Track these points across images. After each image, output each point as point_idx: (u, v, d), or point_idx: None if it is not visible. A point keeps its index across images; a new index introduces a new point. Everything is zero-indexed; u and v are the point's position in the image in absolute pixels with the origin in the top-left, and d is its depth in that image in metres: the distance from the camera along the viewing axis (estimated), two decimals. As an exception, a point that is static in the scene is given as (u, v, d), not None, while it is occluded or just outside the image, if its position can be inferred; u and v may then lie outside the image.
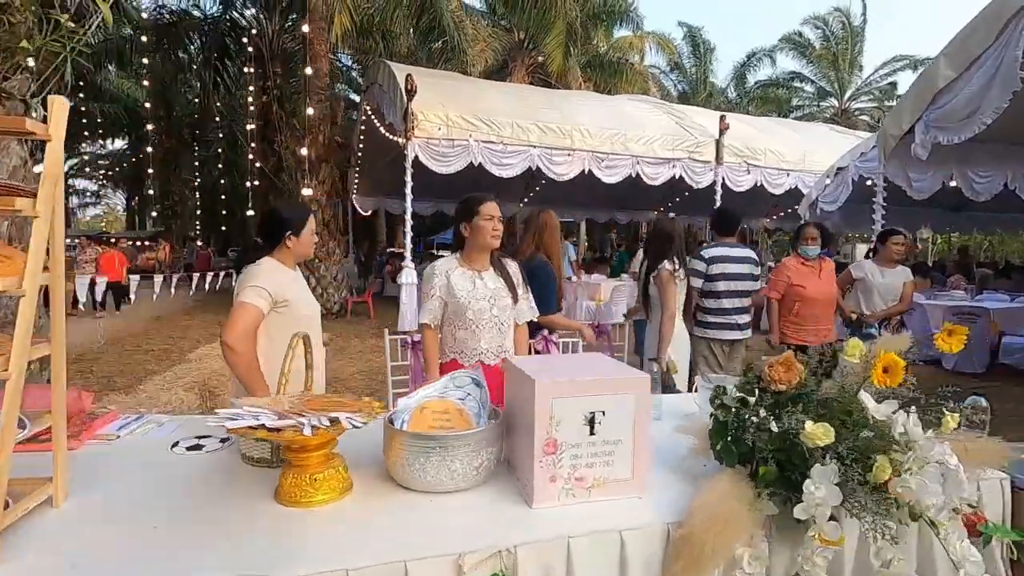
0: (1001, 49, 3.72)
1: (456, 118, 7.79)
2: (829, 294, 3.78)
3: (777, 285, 3.82)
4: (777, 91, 26.07)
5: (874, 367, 1.22)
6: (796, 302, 3.71)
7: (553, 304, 2.76)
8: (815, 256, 3.79)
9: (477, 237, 2.17)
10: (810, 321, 3.70)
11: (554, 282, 2.78)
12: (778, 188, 10.25)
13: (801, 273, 3.76)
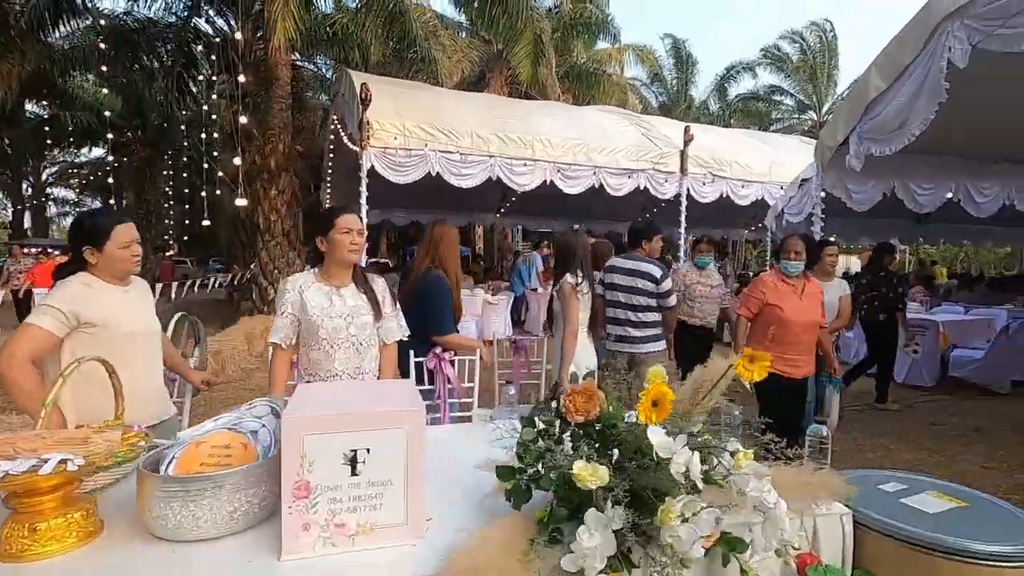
0: (927, 59, 3.67)
1: (413, 128, 7.69)
2: (811, 320, 3.21)
3: (749, 302, 3.35)
4: (757, 104, 26.34)
5: (641, 401, 1.09)
6: (771, 325, 3.18)
7: (448, 321, 2.64)
8: (797, 273, 3.29)
9: (335, 251, 2.04)
10: (786, 348, 3.13)
11: (449, 298, 2.65)
12: (744, 199, 10.23)
13: (779, 292, 3.24)
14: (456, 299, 2.73)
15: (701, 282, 4.57)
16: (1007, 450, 4.05)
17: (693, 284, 4.58)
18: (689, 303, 4.54)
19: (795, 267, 3.28)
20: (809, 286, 3.29)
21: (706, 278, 4.59)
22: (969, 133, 4.99)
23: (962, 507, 1.48)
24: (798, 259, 3.26)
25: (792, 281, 3.28)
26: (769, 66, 25.23)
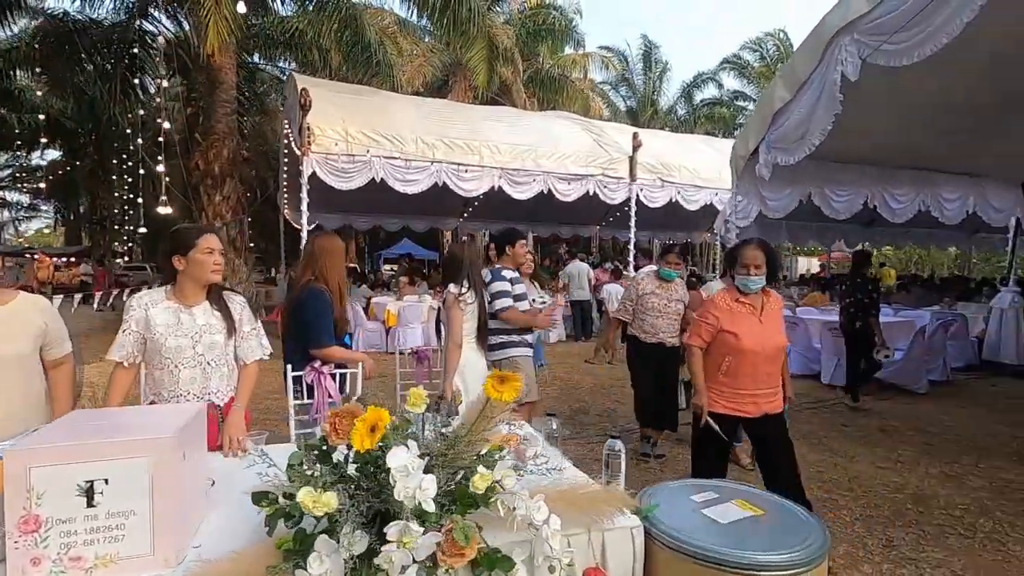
0: (823, 72, 3.77)
1: (356, 133, 7.63)
2: (772, 346, 2.61)
3: (700, 329, 2.72)
4: (722, 110, 26.80)
5: (355, 427, 1.10)
6: (726, 356, 2.60)
7: (327, 334, 2.61)
8: (757, 289, 2.64)
9: (196, 271, 2.00)
10: (743, 382, 2.59)
11: (329, 310, 2.63)
12: (693, 204, 10.40)
13: (734, 315, 2.63)
14: (339, 311, 2.71)
15: (657, 293, 3.95)
16: (906, 450, 4.19)
17: (647, 295, 3.95)
18: (640, 316, 3.98)
19: (755, 283, 2.61)
20: (769, 303, 2.67)
21: (665, 291, 3.96)
22: (880, 142, 5.16)
23: (756, 516, 1.52)
24: (758, 273, 2.60)
25: (748, 300, 2.64)
26: (732, 71, 25.75)
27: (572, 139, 9.64)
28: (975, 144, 5.44)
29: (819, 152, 4.53)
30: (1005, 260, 18.52)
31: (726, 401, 2.64)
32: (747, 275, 2.62)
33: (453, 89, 18.18)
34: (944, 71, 4.14)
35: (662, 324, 3.94)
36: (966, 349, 7.24)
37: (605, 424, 4.71)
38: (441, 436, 1.30)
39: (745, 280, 2.63)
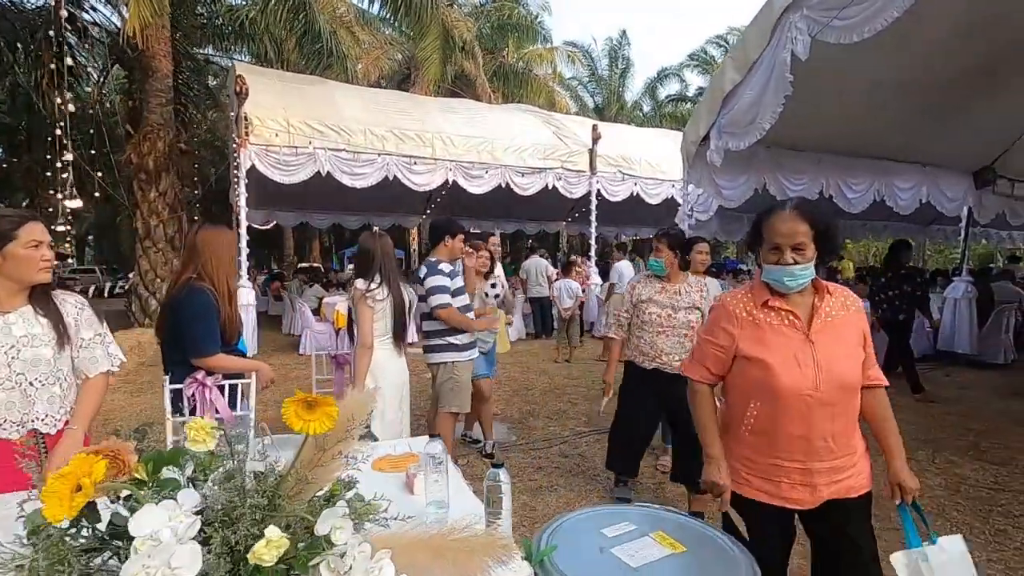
0: (773, 52, 3.59)
1: (299, 124, 7.22)
2: (838, 383, 1.51)
3: (705, 352, 1.69)
4: (686, 106, 26.94)
5: (51, 487, 0.78)
6: (751, 401, 1.58)
7: (208, 340, 2.26)
8: (802, 285, 1.53)
9: (14, 270, 1.63)
10: (791, 448, 1.53)
11: (213, 313, 2.28)
12: (655, 198, 10.29)
13: (760, 330, 1.57)
14: (228, 313, 2.36)
15: (657, 301, 2.85)
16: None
17: (644, 303, 2.89)
18: (636, 332, 2.91)
19: (796, 276, 1.50)
20: (827, 307, 1.55)
21: (669, 296, 2.87)
22: (835, 129, 5.04)
23: (676, 554, 1.25)
24: (800, 258, 1.49)
25: (787, 303, 1.55)
26: (697, 68, 25.92)
27: (530, 132, 9.38)
28: (928, 132, 5.37)
29: (773, 139, 4.38)
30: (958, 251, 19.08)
31: (757, 478, 1.56)
32: (781, 263, 1.48)
33: (416, 83, 17.71)
34: (895, 52, 4.01)
35: (664, 342, 2.81)
36: (922, 340, 7.24)
37: (553, 428, 4.45)
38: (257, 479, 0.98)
39: (778, 273, 1.49)
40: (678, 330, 2.84)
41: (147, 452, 0.97)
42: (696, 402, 1.69)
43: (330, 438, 1.05)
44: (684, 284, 2.91)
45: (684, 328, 2.84)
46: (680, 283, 2.90)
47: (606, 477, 3.53)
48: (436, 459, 1.35)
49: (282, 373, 6.85)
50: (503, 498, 1.16)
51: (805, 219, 1.49)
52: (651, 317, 2.85)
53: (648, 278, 2.99)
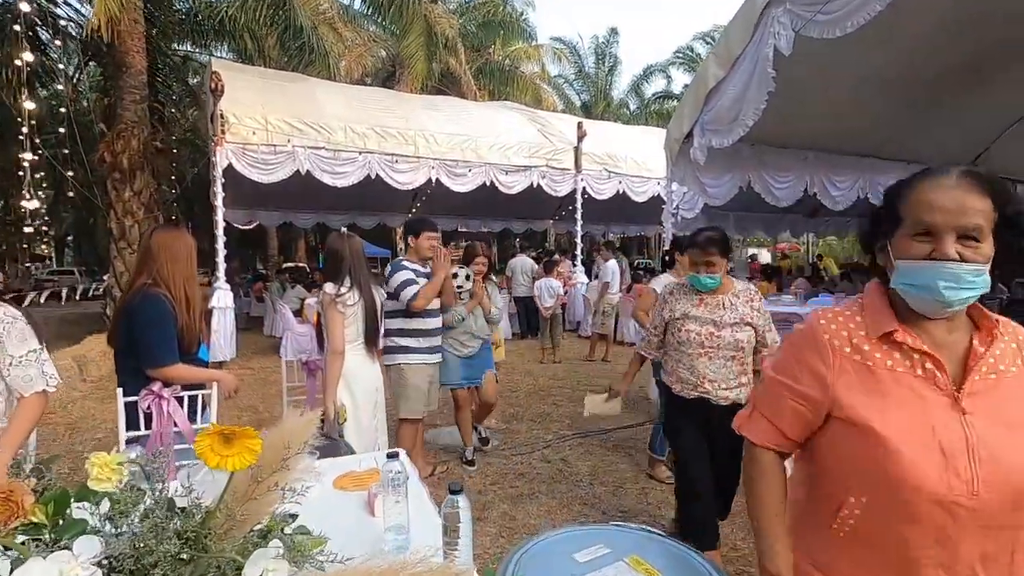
0: (756, 47, 3.52)
1: (277, 122, 7.06)
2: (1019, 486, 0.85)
3: (777, 404, 1.05)
4: (672, 103, 27.00)
5: None
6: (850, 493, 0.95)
7: (164, 350, 2.13)
8: (966, 302, 0.91)
9: None
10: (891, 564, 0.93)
11: (169, 321, 2.15)
12: (641, 196, 10.24)
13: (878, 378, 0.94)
14: (186, 321, 2.23)
15: (696, 317, 2.32)
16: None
17: (680, 319, 2.36)
18: (673, 355, 2.40)
19: (955, 282, 0.88)
20: (994, 352, 0.93)
21: (710, 310, 2.31)
22: (820, 126, 5.00)
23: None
24: (972, 253, 0.88)
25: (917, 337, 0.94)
26: (683, 66, 25.97)
27: (515, 129, 9.29)
28: (911, 129, 5.36)
29: (757, 136, 4.33)
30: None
31: None
32: (936, 257, 0.89)
33: (401, 81, 17.53)
34: (879, 48, 3.97)
35: (707, 367, 2.28)
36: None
37: (537, 431, 4.37)
38: (177, 518, 0.88)
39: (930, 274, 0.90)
40: (723, 351, 2.26)
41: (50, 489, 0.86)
42: (756, 475, 1.08)
43: (265, 468, 0.95)
44: (729, 295, 2.29)
45: (731, 349, 2.26)
46: (724, 294, 2.30)
47: (588, 483, 3.45)
48: (395, 480, 1.25)
49: (261, 377, 6.70)
50: (461, 526, 1.06)
51: (984, 190, 0.89)
52: (689, 336, 2.30)
53: (683, 289, 2.43)
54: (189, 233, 2.35)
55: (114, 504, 0.87)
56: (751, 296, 2.32)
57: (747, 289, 2.36)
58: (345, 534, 1.29)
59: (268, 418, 4.88)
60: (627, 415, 4.87)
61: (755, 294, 2.35)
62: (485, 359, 3.69)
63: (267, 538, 0.95)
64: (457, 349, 3.51)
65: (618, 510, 3.09)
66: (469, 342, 3.56)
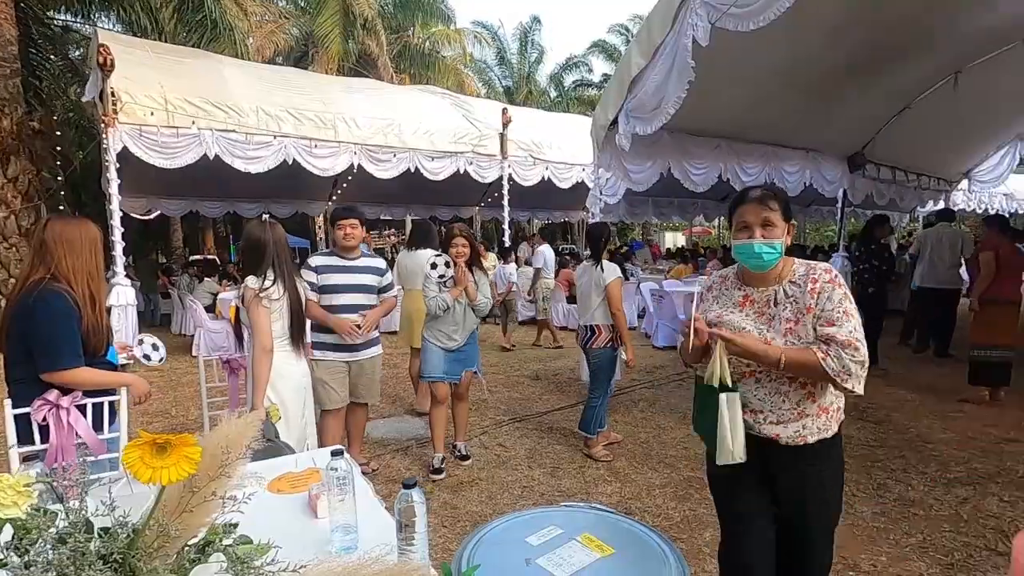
0: (676, 37, 3.64)
1: (179, 102, 6.48)
2: None
3: None
4: (591, 92, 27.57)
5: None
6: None
7: (64, 352, 1.91)
8: None
9: None
10: None
11: (69, 320, 1.93)
12: (566, 182, 10.40)
13: None
14: (92, 320, 2.01)
15: (739, 323, 1.57)
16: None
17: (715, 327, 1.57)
18: None
19: None
20: None
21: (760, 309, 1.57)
22: (731, 116, 5.28)
23: (604, 557, 1.20)
24: None
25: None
26: (601, 54, 26.56)
27: (439, 115, 9.11)
28: (811, 120, 5.80)
29: (676, 125, 4.50)
30: (833, 229, 21.05)
31: None
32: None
33: (315, 61, 16.68)
34: (785, 44, 4.24)
35: (752, 392, 1.56)
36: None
37: (473, 418, 4.35)
38: (99, 539, 0.79)
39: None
40: (777, 370, 1.50)
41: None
42: None
43: (201, 477, 0.87)
44: (786, 284, 1.54)
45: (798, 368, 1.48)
46: (779, 283, 1.55)
47: (527, 467, 3.50)
48: (340, 477, 1.20)
49: (172, 379, 6.23)
50: (417, 521, 1.03)
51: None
52: None
53: (725, 283, 1.67)
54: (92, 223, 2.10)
55: (19, 531, 0.77)
56: (815, 277, 1.50)
57: (815, 272, 1.52)
58: (288, 539, 1.22)
59: (183, 422, 4.54)
60: (559, 397, 4.99)
61: (832, 277, 1.52)
62: (470, 355, 3.45)
63: (206, 552, 0.88)
64: (441, 341, 3.34)
65: (557, 491, 3.15)
66: (455, 334, 3.34)
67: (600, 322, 3.57)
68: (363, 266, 3.11)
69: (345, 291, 3.01)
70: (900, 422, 4.14)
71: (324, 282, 2.99)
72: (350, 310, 3.01)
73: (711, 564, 2.41)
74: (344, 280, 3.02)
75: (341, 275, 3.02)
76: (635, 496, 3.05)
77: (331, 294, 3.00)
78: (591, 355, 3.64)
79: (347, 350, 3.04)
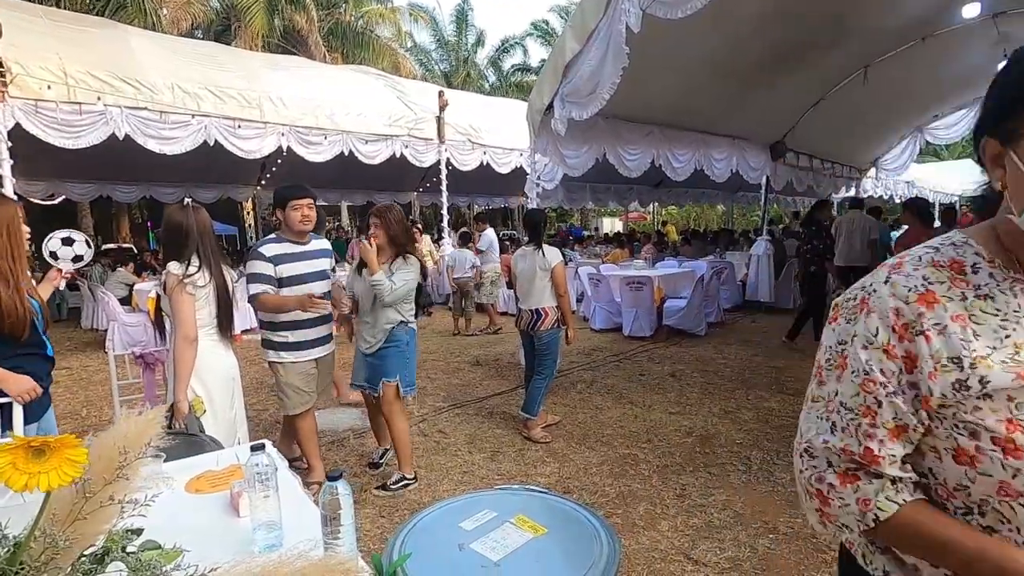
0: (610, 22, 3.68)
1: (80, 75, 5.91)
2: None
3: None
4: (529, 76, 27.53)
5: None
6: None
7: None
8: None
9: None
10: None
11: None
12: (504, 167, 10.36)
13: None
14: (9, 302, 1.81)
15: None
16: (692, 392, 4.55)
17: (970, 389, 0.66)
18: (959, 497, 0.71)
19: None
20: None
21: None
22: (663, 103, 5.42)
23: (537, 537, 1.21)
24: None
25: None
26: (539, 38, 26.52)
27: (373, 96, 8.82)
28: (736, 109, 6.04)
29: (610, 111, 4.57)
30: (757, 215, 22.19)
31: None
32: None
33: (237, 36, 15.68)
34: (711, 34, 4.37)
35: None
36: (734, 292, 8.34)
37: (412, 405, 4.30)
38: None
39: None
40: None
41: None
42: None
43: (96, 481, 0.80)
44: None
45: None
46: None
47: (467, 452, 3.50)
48: (261, 474, 1.14)
49: (83, 377, 5.77)
50: (343, 513, 0.99)
51: None
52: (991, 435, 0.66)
53: (959, 272, 0.71)
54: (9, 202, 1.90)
55: None
56: None
57: None
58: (207, 541, 1.16)
59: (94, 423, 4.21)
60: (499, 382, 5.01)
61: None
62: (387, 363, 2.90)
63: (103, 562, 0.81)
64: (360, 343, 3.00)
65: (497, 474, 3.17)
66: (366, 334, 2.94)
67: (547, 304, 3.62)
68: (317, 250, 2.86)
69: (308, 280, 2.75)
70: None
71: (284, 273, 2.70)
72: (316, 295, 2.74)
73: (644, 537, 2.50)
74: (304, 268, 2.76)
75: (300, 263, 2.75)
76: (573, 476, 3.12)
77: (296, 286, 2.71)
78: (538, 338, 3.68)
79: (314, 346, 2.82)
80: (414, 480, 3.02)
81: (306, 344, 2.82)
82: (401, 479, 2.98)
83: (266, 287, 2.64)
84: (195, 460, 1.70)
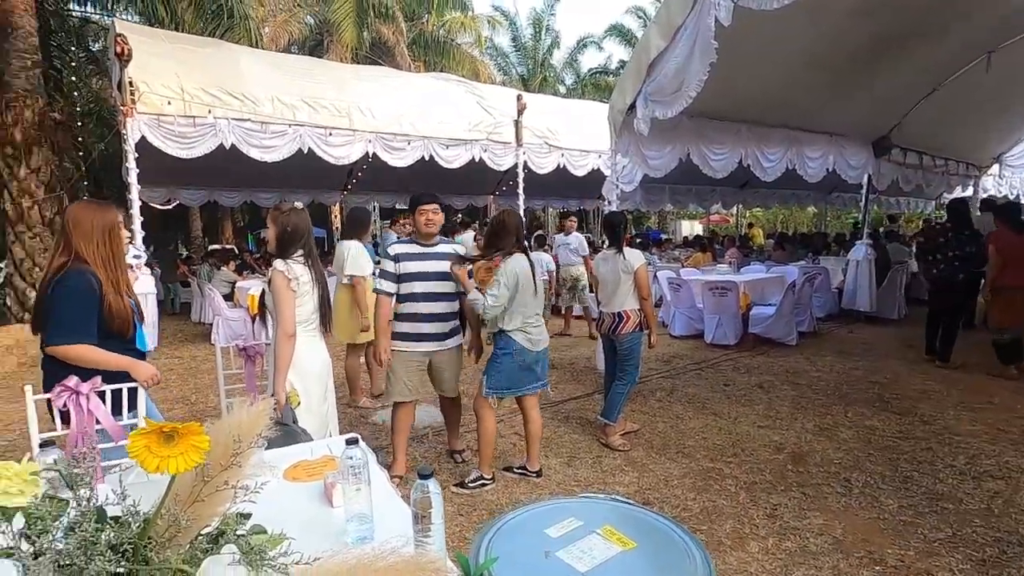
0: (697, 17, 3.53)
1: (196, 91, 6.50)
2: None
3: None
4: (607, 78, 27.18)
5: None
6: None
7: (82, 327, 1.94)
8: None
9: None
10: None
11: (89, 297, 1.95)
12: (581, 169, 10.28)
13: None
14: (115, 304, 2.03)
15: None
16: (783, 405, 4.25)
17: None
18: None
19: None
20: None
21: None
22: (753, 99, 5.14)
23: (626, 551, 1.16)
24: None
25: None
26: (617, 38, 26.11)
27: (454, 102, 9.03)
28: (835, 104, 5.62)
29: (696, 109, 4.38)
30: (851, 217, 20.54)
31: None
32: None
33: (330, 50, 16.64)
34: (808, 25, 4.10)
35: None
36: (828, 300, 7.76)
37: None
38: (110, 529, 0.77)
39: None
40: None
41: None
42: None
43: (213, 466, 0.85)
44: None
45: None
46: None
47: (543, 456, 3.47)
48: (354, 467, 1.17)
49: (192, 366, 6.31)
50: (433, 512, 1.00)
51: None
52: None
53: None
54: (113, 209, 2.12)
55: (30, 520, 0.75)
56: None
57: None
58: (303, 529, 1.21)
59: (202, 409, 4.60)
60: (575, 386, 4.95)
61: None
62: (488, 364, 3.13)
63: (218, 543, 0.86)
64: None
65: (573, 480, 3.13)
66: None
67: (629, 307, 3.55)
68: (442, 252, 3.04)
69: (429, 278, 2.97)
70: (926, 413, 4.03)
71: (404, 270, 2.95)
72: (430, 298, 2.97)
73: (732, 557, 2.37)
74: (422, 267, 2.96)
75: (419, 262, 2.97)
76: (653, 487, 3.01)
77: (414, 282, 2.95)
78: (619, 342, 3.60)
79: (425, 340, 3.00)
80: (492, 481, 3.05)
81: (415, 336, 3.00)
82: (479, 478, 3.02)
83: (381, 284, 2.97)
84: (291, 450, 1.80)
